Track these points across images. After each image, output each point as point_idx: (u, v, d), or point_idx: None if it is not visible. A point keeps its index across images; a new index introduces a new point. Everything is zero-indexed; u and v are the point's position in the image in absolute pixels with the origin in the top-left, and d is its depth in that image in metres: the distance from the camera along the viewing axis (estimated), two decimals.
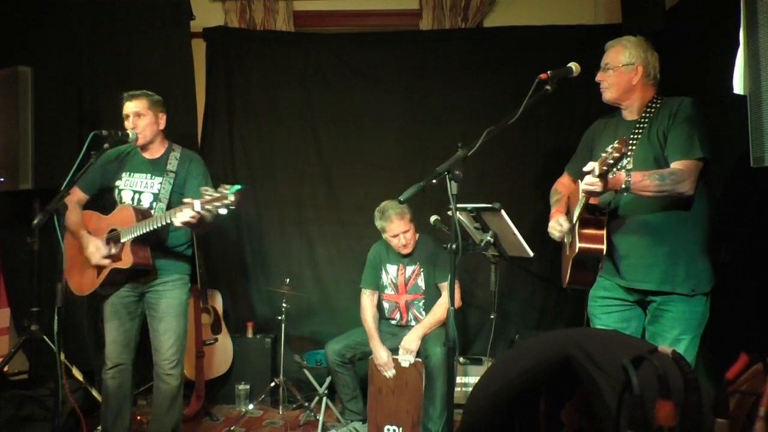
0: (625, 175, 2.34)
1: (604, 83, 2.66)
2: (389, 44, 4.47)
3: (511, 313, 4.32)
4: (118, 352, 3.18)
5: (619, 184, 2.34)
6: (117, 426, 3.22)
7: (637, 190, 2.37)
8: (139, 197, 3.17)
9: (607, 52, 2.67)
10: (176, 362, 3.17)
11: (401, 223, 3.60)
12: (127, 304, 3.19)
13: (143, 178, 3.20)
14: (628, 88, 2.61)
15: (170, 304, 3.17)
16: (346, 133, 4.52)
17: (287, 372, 4.11)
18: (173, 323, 3.17)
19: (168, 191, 3.15)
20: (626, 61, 2.60)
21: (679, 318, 2.50)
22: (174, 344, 3.16)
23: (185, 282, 3.27)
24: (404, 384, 3.52)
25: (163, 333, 3.16)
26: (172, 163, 3.20)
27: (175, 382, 3.17)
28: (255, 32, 4.57)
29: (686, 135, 2.45)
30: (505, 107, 2.38)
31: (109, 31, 4.34)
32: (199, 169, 3.25)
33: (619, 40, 2.66)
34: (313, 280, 4.52)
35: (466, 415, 1.59)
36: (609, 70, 2.63)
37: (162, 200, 3.14)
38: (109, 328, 3.19)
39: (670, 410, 1.04)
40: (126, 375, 3.21)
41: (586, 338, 1.42)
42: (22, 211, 3.89)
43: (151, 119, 3.17)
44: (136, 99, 3.15)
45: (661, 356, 1.12)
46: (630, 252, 2.57)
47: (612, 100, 2.67)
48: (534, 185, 4.22)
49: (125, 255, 3.01)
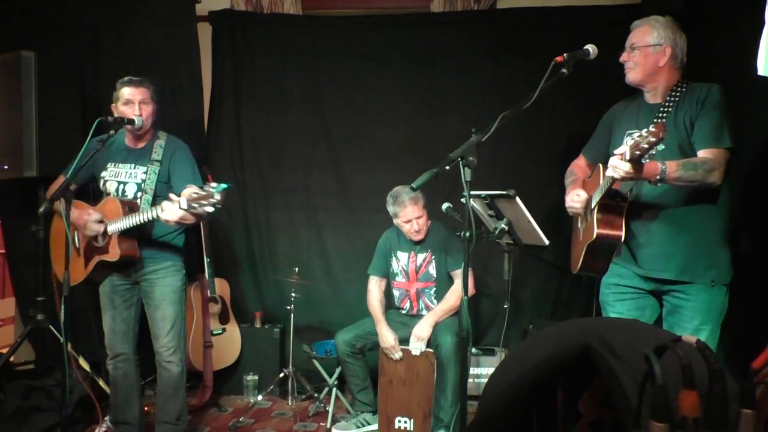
0: (661, 164, 2.25)
1: (629, 63, 2.55)
2: (399, 27, 4.38)
3: (525, 302, 4.26)
4: (117, 342, 3.17)
5: (654, 174, 2.25)
6: (127, 415, 3.22)
7: (671, 181, 2.29)
8: (124, 188, 3.11)
9: (633, 32, 2.56)
10: (174, 348, 3.14)
11: (415, 208, 3.53)
12: (121, 292, 3.16)
13: (127, 168, 3.13)
14: (654, 69, 2.51)
15: (164, 291, 3.13)
16: (355, 118, 4.44)
17: (296, 362, 4.07)
18: (169, 310, 3.13)
19: (153, 181, 3.09)
20: (654, 41, 2.49)
21: (699, 308, 2.44)
22: (170, 331, 3.13)
23: (178, 269, 3.20)
24: (415, 375, 3.46)
25: (160, 320, 3.13)
26: (157, 152, 3.12)
27: (176, 369, 3.15)
28: (262, 15, 4.48)
29: (716, 123, 2.36)
30: (519, 91, 2.30)
31: (114, 15, 4.27)
32: (184, 156, 3.17)
33: (647, 19, 2.55)
34: (322, 268, 4.47)
35: (481, 406, 1.56)
36: (635, 50, 2.52)
37: (147, 191, 3.07)
38: (106, 318, 3.18)
39: (694, 400, 1.01)
40: (129, 364, 3.20)
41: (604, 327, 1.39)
42: (26, 199, 3.84)
43: (153, 108, 3.12)
44: (141, 86, 3.09)
45: (684, 345, 1.08)
46: (650, 241, 2.50)
47: (636, 82, 2.57)
48: (549, 172, 4.14)
49: (112, 248, 2.97)
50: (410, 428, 3.46)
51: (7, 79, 3.65)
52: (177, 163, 3.13)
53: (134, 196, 3.09)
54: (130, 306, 3.19)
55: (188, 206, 2.63)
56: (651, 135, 2.06)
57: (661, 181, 2.27)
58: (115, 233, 2.95)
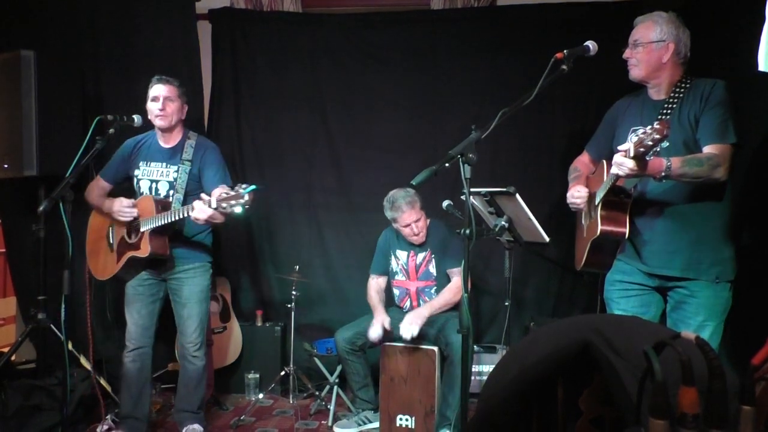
0: (666, 161, 2.24)
1: (632, 60, 2.54)
2: (399, 24, 4.36)
3: (526, 299, 4.25)
4: (140, 335, 3.29)
5: (659, 171, 2.24)
6: (137, 410, 3.30)
7: (675, 177, 2.28)
8: (156, 186, 3.24)
9: (636, 28, 2.56)
10: (200, 344, 3.32)
11: (412, 212, 3.53)
12: (149, 286, 3.29)
13: (159, 167, 3.26)
14: (658, 66, 2.50)
15: (192, 291, 3.28)
16: (356, 116, 4.43)
17: (297, 360, 4.06)
18: (196, 308, 3.29)
19: (184, 181, 3.21)
20: (657, 37, 2.49)
21: (703, 304, 2.45)
22: (197, 328, 3.30)
23: (207, 269, 3.35)
24: (417, 373, 3.45)
25: (187, 318, 3.28)
26: (187, 152, 3.25)
27: (200, 363, 3.34)
28: (262, 13, 4.47)
29: (721, 119, 2.36)
30: (519, 88, 2.30)
31: (113, 14, 4.26)
32: (215, 158, 3.30)
33: (650, 15, 2.54)
34: (322, 266, 4.46)
35: (481, 402, 1.56)
36: (638, 46, 2.52)
37: (179, 190, 3.20)
38: (131, 310, 3.30)
39: (693, 397, 1.01)
40: (146, 358, 3.32)
41: (605, 324, 1.39)
42: (26, 198, 3.84)
43: (178, 105, 3.27)
44: (168, 84, 3.24)
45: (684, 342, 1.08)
46: (654, 237, 2.50)
47: (640, 78, 2.56)
48: (549, 168, 4.13)
49: (144, 244, 3.09)
50: (411, 426, 3.45)
51: (6, 79, 3.66)
52: (208, 164, 3.26)
53: (167, 194, 3.22)
54: (155, 301, 3.32)
55: (218, 206, 2.75)
56: (655, 132, 2.05)
57: (665, 177, 2.26)
58: (147, 230, 3.05)
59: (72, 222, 2.92)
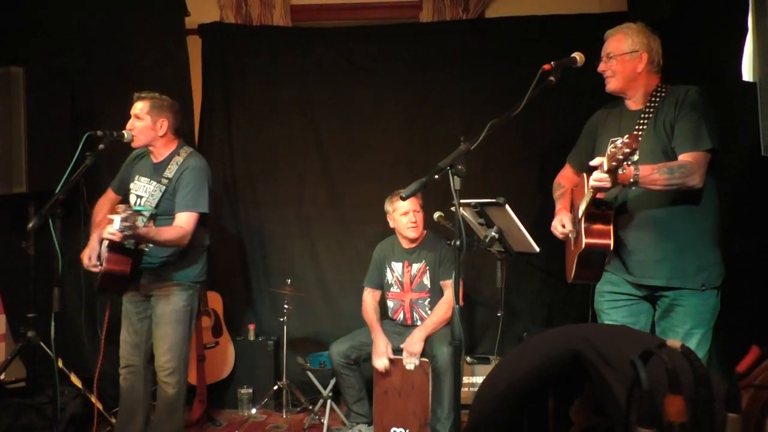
0: (634, 169, 2.27)
1: (608, 72, 2.58)
2: (389, 37, 4.39)
3: (519, 310, 4.24)
4: (129, 353, 3.19)
5: (628, 178, 2.28)
6: (128, 429, 3.19)
7: (646, 184, 2.31)
8: (140, 202, 3.14)
9: (607, 41, 2.59)
10: (171, 370, 3.09)
11: (413, 199, 3.49)
12: (136, 304, 3.17)
13: (144, 183, 3.18)
14: (633, 76, 2.54)
15: (164, 310, 3.10)
16: (347, 129, 4.44)
17: (290, 375, 4.04)
18: (167, 330, 3.08)
19: (157, 198, 3.07)
20: (629, 48, 2.52)
21: (690, 312, 2.45)
22: (167, 352, 3.08)
23: (184, 288, 3.13)
24: (411, 386, 3.44)
25: (159, 339, 3.11)
26: (171, 169, 3.11)
27: (171, 391, 3.11)
28: (251, 27, 4.49)
29: (694, 125, 2.38)
30: (508, 99, 2.30)
31: (103, 30, 4.26)
32: (191, 178, 3.08)
33: (620, 27, 2.58)
34: (315, 280, 4.45)
35: (473, 414, 1.56)
36: (612, 59, 2.55)
37: (147, 208, 3.08)
38: (123, 328, 3.21)
39: (680, 405, 1.02)
40: (137, 377, 3.18)
41: (594, 334, 1.41)
42: (16, 215, 3.82)
43: (147, 124, 3.09)
44: (141, 101, 3.12)
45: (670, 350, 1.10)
46: (638, 247, 2.51)
47: (617, 90, 2.59)
48: (538, 179, 4.14)
49: (104, 261, 2.99)
50: None
51: None
52: (182, 184, 3.07)
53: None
54: (143, 319, 3.19)
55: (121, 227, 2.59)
56: (625, 146, 2.09)
57: (635, 184, 2.29)
58: (104, 247, 2.96)
59: (62, 239, 2.89)
